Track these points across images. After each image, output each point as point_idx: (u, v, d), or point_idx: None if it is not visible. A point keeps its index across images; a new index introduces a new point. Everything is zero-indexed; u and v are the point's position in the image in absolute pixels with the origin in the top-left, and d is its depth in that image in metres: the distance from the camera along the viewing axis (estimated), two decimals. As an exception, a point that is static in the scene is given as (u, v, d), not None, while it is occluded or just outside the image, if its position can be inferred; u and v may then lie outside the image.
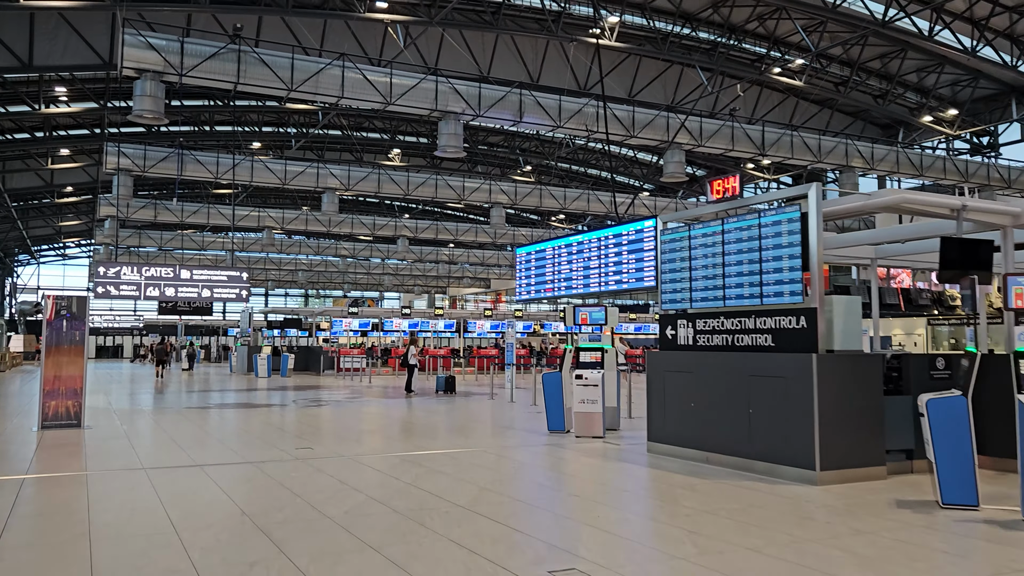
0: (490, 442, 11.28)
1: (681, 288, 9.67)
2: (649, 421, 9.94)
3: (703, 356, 9.22)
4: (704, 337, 9.26)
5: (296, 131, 38.84)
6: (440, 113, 21.37)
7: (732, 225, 8.97)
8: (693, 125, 24.10)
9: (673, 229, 9.97)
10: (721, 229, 9.12)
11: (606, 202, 33.68)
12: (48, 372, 12.74)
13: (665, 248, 10.05)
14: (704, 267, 9.34)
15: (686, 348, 9.51)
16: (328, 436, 12.01)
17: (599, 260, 21.77)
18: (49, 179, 40.50)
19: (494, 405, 17.37)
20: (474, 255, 47.75)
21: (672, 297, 9.84)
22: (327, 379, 27.94)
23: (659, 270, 10.17)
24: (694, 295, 9.47)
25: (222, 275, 19.38)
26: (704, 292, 9.32)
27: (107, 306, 61.15)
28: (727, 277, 8.98)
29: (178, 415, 15.16)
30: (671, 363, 9.68)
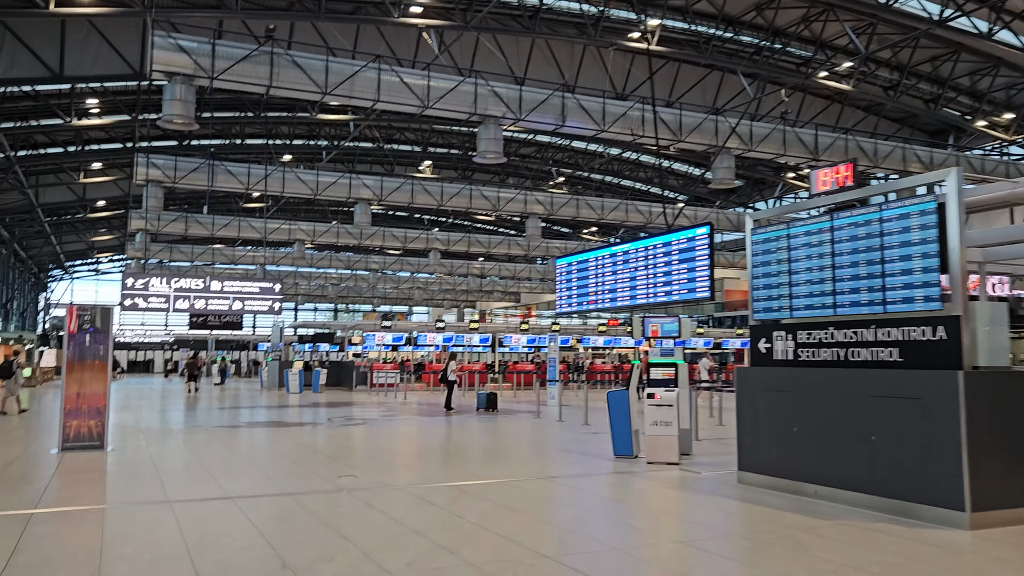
0: (553, 468, 9.99)
1: (778, 295, 8.36)
2: (740, 447, 8.60)
3: (807, 373, 7.89)
4: (808, 351, 7.92)
5: (327, 143, 38.00)
6: (479, 117, 20.24)
7: (844, 221, 7.64)
8: (742, 129, 22.77)
9: (767, 228, 8.66)
10: (829, 226, 7.80)
11: (645, 212, 32.36)
12: (70, 389, 11.65)
13: (758, 250, 8.74)
14: (807, 270, 8.01)
15: (784, 364, 8.18)
16: (371, 460, 10.78)
17: (646, 270, 20.43)
18: (82, 193, 39.94)
19: (542, 425, 16.06)
20: (505, 268, 46.52)
21: (766, 306, 8.52)
22: (360, 395, 26.77)
23: (750, 275, 8.84)
24: (794, 303, 8.14)
25: (254, 287, 18.30)
26: (807, 299, 8.00)
27: (138, 321, 60.63)
28: (838, 281, 7.65)
29: (208, 435, 14.03)
30: (766, 381, 8.35)
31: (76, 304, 12.08)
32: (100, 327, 11.91)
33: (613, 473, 9.53)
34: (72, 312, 11.83)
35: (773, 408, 8.17)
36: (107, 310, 12.01)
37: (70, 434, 11.54)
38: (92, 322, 11.87)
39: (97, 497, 7.85)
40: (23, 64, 24.96)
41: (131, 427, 15.31)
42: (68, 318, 11.80)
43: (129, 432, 14.39)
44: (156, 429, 15.03)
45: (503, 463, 10.56)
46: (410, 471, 9.69)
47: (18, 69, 25.30)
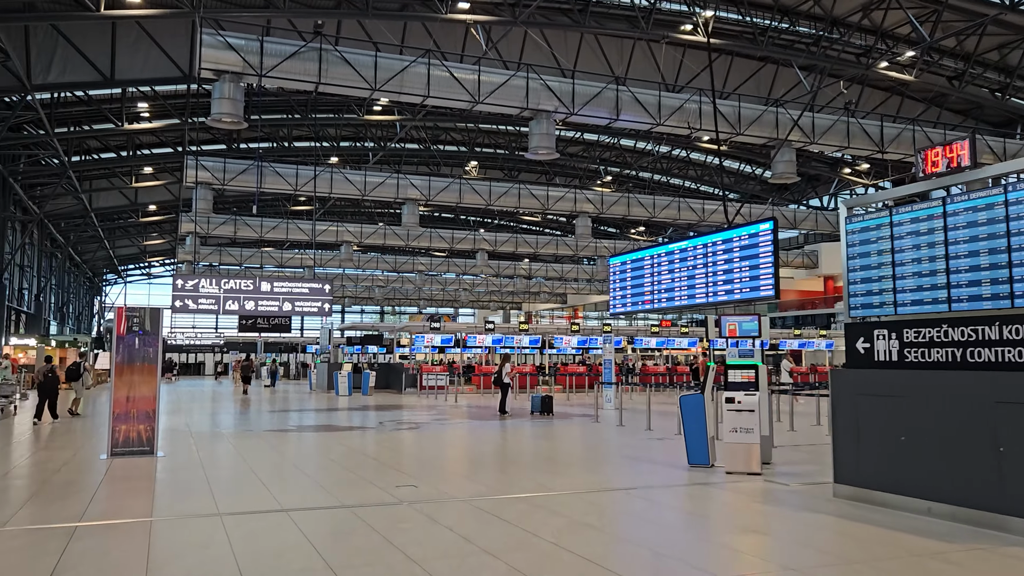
0: (625, 479, 9.25)
1: (879, 290, 7.52)
2: (837, 458, 7.76)
3: (915, 376, 7.04)
4: (915, 352, 7.07)
5: (374, 145, 37.72)
6: (531, 112, 19.56)
7: (961, 205, 6.79)
8: (804, 121, 21.73)
9: (865, 215, 7.82)
10: (942, 211, 6.94)
11: (697, 209, 31.36)
12: (119, 393, 11.25)
13: (854, 240, 7.90)
14: (914, 261, 7.16)
15: (887, 366, 7.33)
16: (428, 468, 10.15)
17: (706, 268, 19.55)
18: (133, 198, 40.29)
19: (602, 429, 15.30)
20: (552, 269, 45.79)
21: (865, 301, 7.68)
22: (409, 398, 26.27)
23: (845, 268, 8.00)
24: (899, 297, 7.30)
25: (303, 287, 17.87)
26: (914, 294, 7.15)
27: (189, 324, 61.25)
28: (953, 273, 6.79)
29: (258, 439, 13.56)
30: (867, 385, 7.50)
31: (125, 306, 11.68)
32: (149, 329, 11.49)
33: (691, 484, 8.76)
34: (121, 314, 11.44)
35: (875, 415, 7.33)
36: (156, 312, 11.60)
37: (119, 439, 11.14)
38: (141, 324, 11.47)
39: (144, 509, 7.33)
40: (75, 69, 25.01)
41: (181, 431, 14.94)
42: (117, 320, 11.41)
43: (179, 436, 14.00)
44: (206, 433, 14.63)
45: (569, 472, 9.84)
46: (472, 481, 9.03)
47: (71, 73, 25.36)
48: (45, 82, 24.92)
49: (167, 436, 13.82)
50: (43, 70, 24.74)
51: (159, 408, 11.53)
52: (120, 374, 11.29)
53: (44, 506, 7.50)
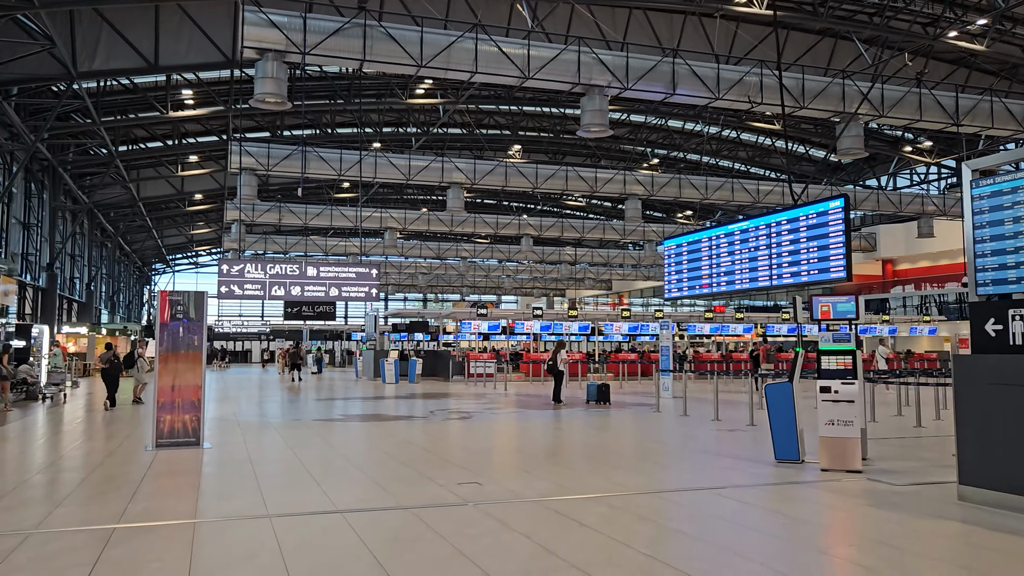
0: (708, 476, 8.34)
1: (1015, 263, 6.49)
2: (962, 457, 6.77)
3: (1062, 362, 6.02)
4: (1061, 333, 6.05)
5: (417, 130, 37.05)
6: (583, 87, 18.60)
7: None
8: (872, 94, 20.42)
9: (997, 178, 6.78)
10: (1098, 170, 5.90)
11: (752, 190, 30.08)
12: (163, 382, 10.65)
13: (982, 206, 6.87)
14: (1061, 229, 6.13)
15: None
16: (490, 462, 9.36)
17: (768, 250, 18.51)
18: (180, 187, 40.21)
19: (666, 420, 14.38)
20: (598, 255, 44.76)
21: (996, 277, 6.66)
22: (457, 385, 25.59)
23: (969, 239, 6.98)
24: (1040, 272, 6.27)
25: (350, 272, 17.21)
26: (1060, 267, 6.11)
27: (235, 312, 61.52)
28: (1113, 241, 5.75)
29: (307, 429, 12.92)
30: (1000, 373, 6.49)
31: (167, 290, 11.08)
32: (194, 316, 10.87)
33: (785, 483, 7.83)
34: (164, 299, 10.82)
35: (1012, 407, 6.33)
36: (200, 296, 10.97)
37: (164, 430, 10.55)
38: (185, 311, 10.84)
39: (187, 509, 6.65)
40: (119, 55, 24.65)
41: (229, 420, 14.39)
42: (160, 306, 10.80)
43: (227, 426, 13.43)
44: (254, 423, 14.05)
45: (644, 468, 8.96)
46: (538, 477, 8.21)
47: (115, 60, 25.01)
48: (91, 69, 24.61)
49: (214, 426, 13.26)
50: (88, 57, 24.44)
51: (205, 397, 10.92)
52: (164, 362, 10.69)
53: (83, 504, 6.87)
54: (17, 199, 29.77)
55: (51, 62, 23.70)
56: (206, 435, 11.31)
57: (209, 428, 12.74)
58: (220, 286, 16.54)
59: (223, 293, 16.55)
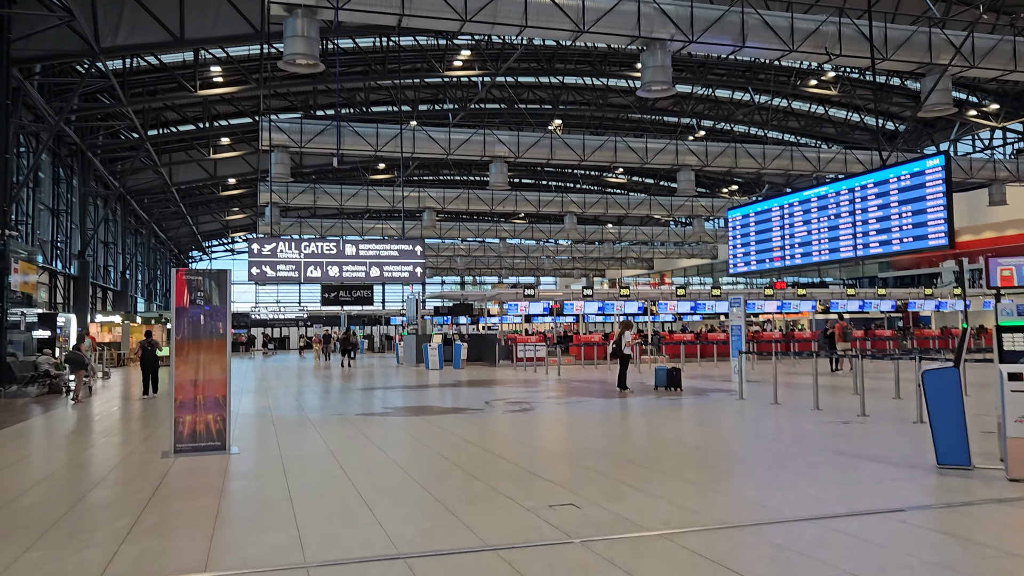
0: (868, 492, 6.35)
1: None
2: None
3: None
4: None
5: (454, 106, 35.16)
6: (643, 41, 16.50)
7: None
8: (961, 41, 18.07)
9: None
10: None
11: (812, 159, 27.75)
12: (181, 376, 8.93)
13: None
14: None
15: None
16: (579, 472, 7.47)
17: (852, 216, 16.24)
18: (212, 171, 38.82)
19: (760, 411, 12.38)
20: (641, 233, 42.57)
21: None
22: (505, 371, 23.76)
23: None
24: None
25: (392, 250, 15.40)
26: None
27: (273, 298, 60.33)
28: None
29: (349, 427, 11.16)
30: None
31: (184, 269, 9.34)
32: (215, 300, 9.12)
33: (979, 501, 5.86)
34: (180, 280, 9.09)
35: None
36: (223, 275, 9.21)
37: (183, 432, 8.84)
38: (207, 297, 9.10)
39: (197, 555, 4.87)
40: (144, 29, 23.06)
41: (263, 415, 12.71)
42: (176, 288, 9.07)
43: (259, 423, 11.75)
44: (290, 418, 12.34)
45: (778, 479, 6.99)
46: (651, 495, 6.32)
47: (139, 34, 23.43)
48: (114, 44, 23.06)
49: (246, 423, 11.58)
50: (111, 32, 22.88)
51: (231, 393, 9.19)
52: (182, 353, 8.97)
53: (60, 545, 5.12)
54: (45, 184, 28.46)
55: (73, 38, 22.18)
56: (234, 436, 9.62)
57: (240, 426, 11.06)
58: (251, 267, 14.85)
59: (254, 275, 14.86)
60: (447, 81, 33.31)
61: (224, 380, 9.10)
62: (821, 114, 36.88)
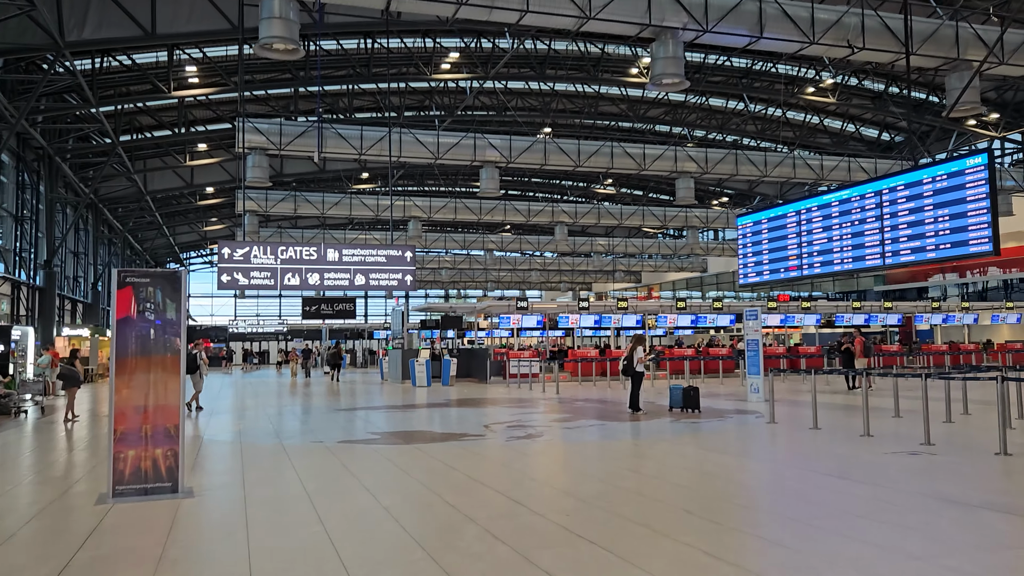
0: (1020, 561, 4.73)
1: None
2: None
3: None
4: None
5: (441, 112, 33.53)
6: (653, 30, 14.98)
7: None
8: (990, 36, 16.75)
9: None
10: None
11: (815, 167, 26.38)
12: (123, 402, 7.14)
13: None
14: None
15: None
16: (626, 528, 5.75)
17: (880, 222, 14.75)
18: (189, 179, 36.83)
19: (802, 436, 10.74)
20: (632, 245, 41.05)
21: None
22: (497, 388, 21.99)
23: None
24: None
25: (379, 255, 13.66)
26: None
27: (252, 311, 58.09)
28: None
29: (331, 458, 9.37)
30: None
31: (125, 269, 7.58)
32: (170, 311, 7.36)
33: None
34: (123, 283, 7.31)
35: None
36: (175, 277, 7.45)
37: (125, 471, 7.03)
38: (157, 308, 7.34)
39: None
40: (113, 22, 21.29)
41: (231, 443, 10.88)
42: (118, 294, 7.30)
43: (227, 454, 9.93)
44: (263, 447, 10.53)
45: (892, 541, 5.29)
46: (737, 568, 4.63)
47: (108, 28, 21.65)
48: (80, 39, 21.27)
49: (211, 452, 9.78)
50: (77, 25, 21.08)
51: (184, 422, 7.41)
52: (124, 373, 7.18)
53: None
54: (8, 190, 26.45)
55: (35, 30, 20.28)
56: (194, 470, 7.83)
57: (203, 456, 9.25)
58: (221, 274, 13.04)
59: (225, 283, 13.05)
60: (434, 87, 31.73)
61: (177, 406, 7.32)
62: (816, 124, 35.66)
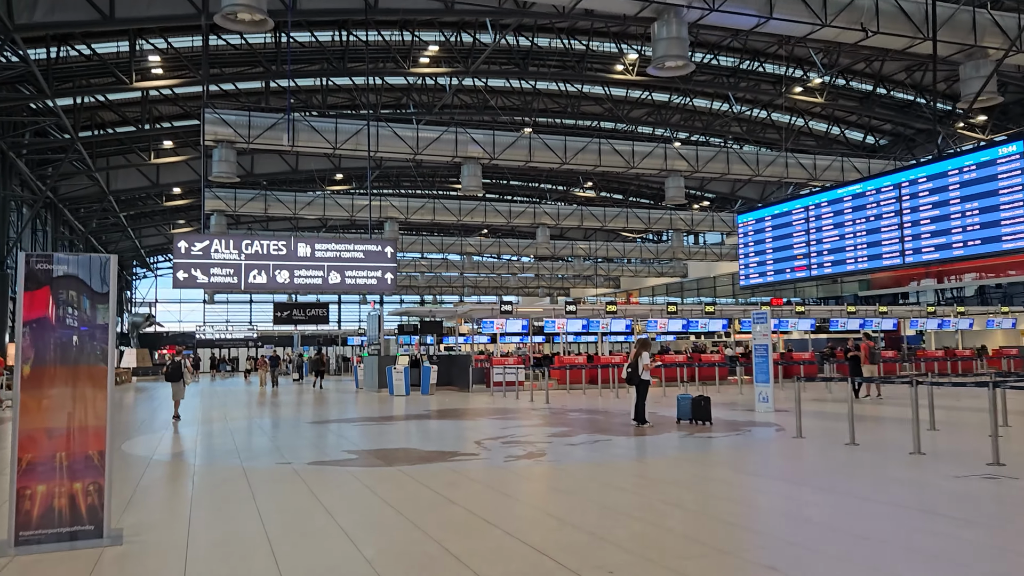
0: None
1: None
2: None
3: None
4: None
5: (418, 110, 32.00)
6: (656, 8, 13.67)
7: None
8: (1009, 23, 15.67)
9: None
10: None
11: (808, 167, 25.26)
12: (29, 424, 5.54)
13: None
14: None
15: None
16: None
17: (899, 217, 13.48)
18: (155, 178, 34.87)
19: (837, 454, 9.38)
20: (613, 248, 39.76)
21: None
22: (481, 397, 20.46)
23: None
24: None
25: (356, 251, 12.11)
26: None
27: (222, 317, 55.87)
28: None
29: (299, 487, 7.79)
30: None
31: (35, 254, 5.99)
32: (88, 302, 5.78)
33: None
34: (32, 275, 5.73)
35: None
36: (100, 263, 5.88)
37: (32, 512, 5.43)
38: (71, 302, 5.77)
39: None
40: (68, 5, 19.60)
41: (181, 465, 9.26)
42: (24, 294, 5.71)
43: (174, 479, 8.32)
44: (219, 470, 8.92)
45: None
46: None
47: (61, 11, 19.91)
48: (31, 21, 19.52)
49: (155, 476, 8.15)
50: (28, 6, 19.33)
51: (110, 450, 5.81)
52: (33, 386, 5.59)
53: None
54: (-45, 185, 24.44)
55: (-21, 13, 18.52)
56: (124, 507, 6.23)
57: (146, 481, 7.63)
58: (177, 271, 11.41)
59: (181, 281, 11.42)
60: (412, 83, 30.21)
61: (102, 427, 5.74)
62: (802, 127, 34.68)
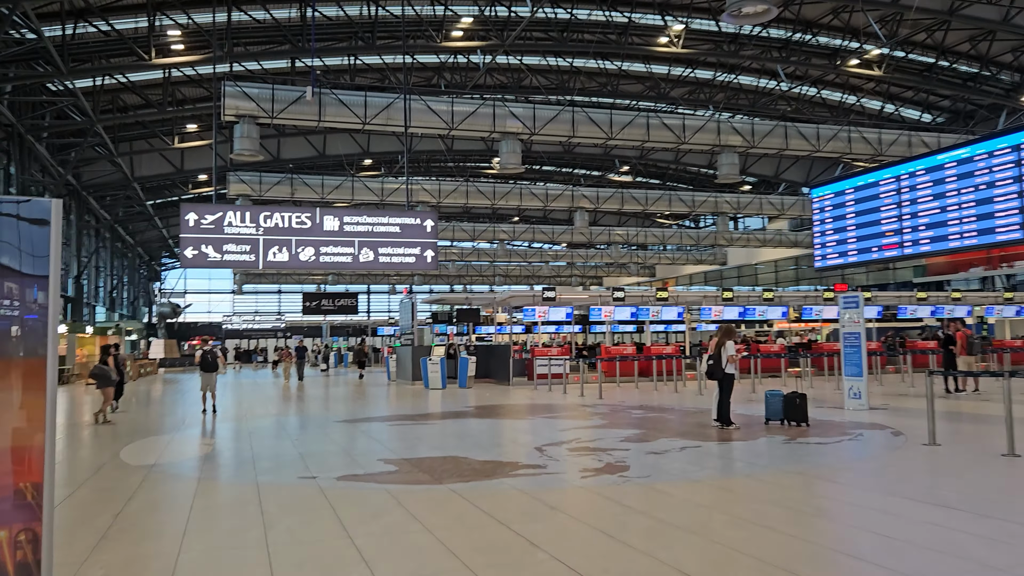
0: None
1: None
2: None
3: None
4: None
5: (449, 90, 30.12)
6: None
7: None
8: None
9: None
10: None
11: (873, 141, 22.97)
12: (-68, 446, 3.71)
13: None
14: None
15: None
16: None
17: (1020, 184, 11.32)
18: (179, 163, 33.40)
19: (1005, 468, 7.37)
20: (652, 235, 37.62)
21: None
22: (523, 391, 18.53)
23: None
24: None
25: (391, 224, 10.25)
26: None
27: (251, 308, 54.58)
28: None
29: (322, 515, 5.95)
30: None
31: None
32: (20, 284, 3.94)
33: None
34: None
35: None
36: (36, 232, 4.04)
37: (-68, 579, 3.61)
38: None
39: None
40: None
41: (184, 477, 7.47)
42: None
43: (171, 497, 6.51)
44: (225, 488, 7.11)
45: None
46: None
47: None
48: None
49: (150, 495, 6.35)
50: (36, -28, 17.77)
51: (50, 485, 3.96)
52: (-68, 392, 3.76)
53: None
54: (-31, 169, 23.02)
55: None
56: (92, 549, 4.40)
57: (133, 505, 5.80)
58: (185, 248, 9.66)
59: (190, 259, 9.66)
60: (444, 61, 28.32)
61: (41, 447, 3.89)
62: (853, 104, 32.23)
